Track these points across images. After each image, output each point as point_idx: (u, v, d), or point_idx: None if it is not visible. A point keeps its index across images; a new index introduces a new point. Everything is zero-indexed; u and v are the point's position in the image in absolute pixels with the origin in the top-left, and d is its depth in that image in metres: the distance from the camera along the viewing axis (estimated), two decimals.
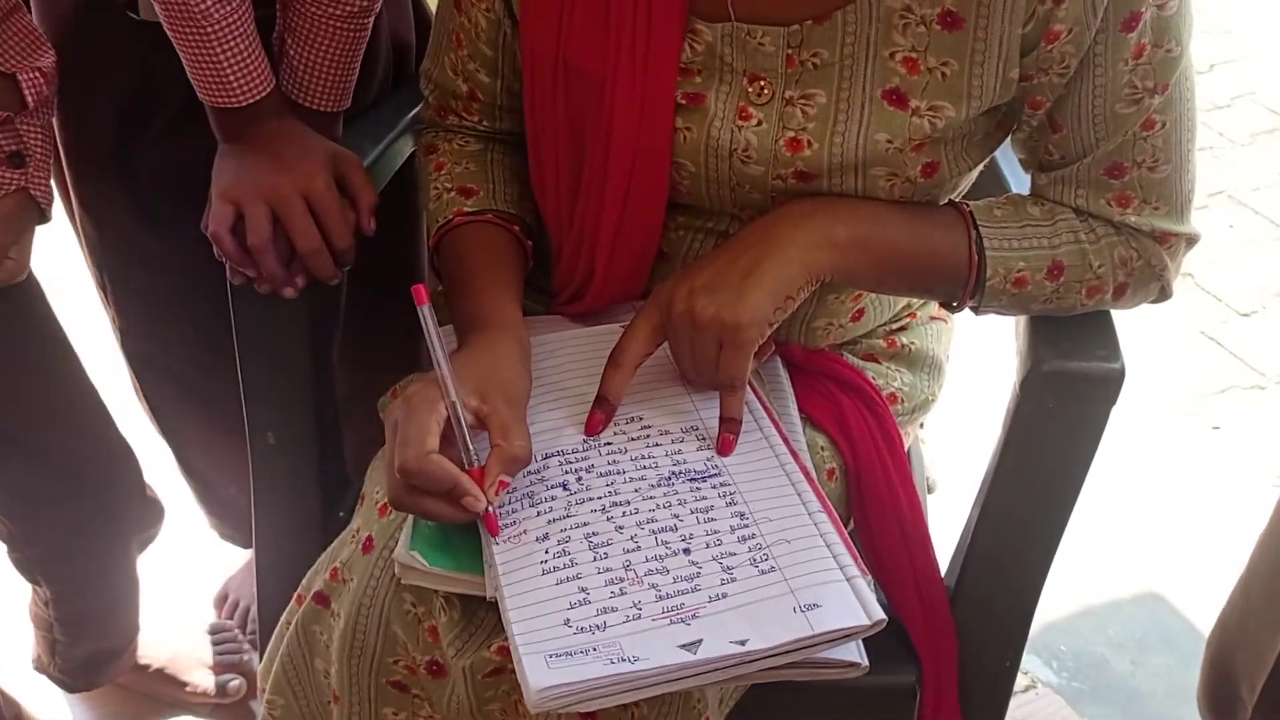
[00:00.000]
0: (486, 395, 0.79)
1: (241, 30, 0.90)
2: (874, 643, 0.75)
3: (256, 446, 1.04)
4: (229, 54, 0.89)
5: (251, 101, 0.92)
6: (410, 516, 0.82)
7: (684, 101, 0.85)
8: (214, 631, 1.47)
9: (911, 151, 0.82)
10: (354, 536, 0.88)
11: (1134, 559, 1.67)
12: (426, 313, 0.79)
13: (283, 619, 0.94)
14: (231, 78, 0.90)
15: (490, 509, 0.77)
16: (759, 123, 0.84)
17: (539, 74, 0.88)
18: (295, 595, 0.93)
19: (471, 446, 0.78)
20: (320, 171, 0.92)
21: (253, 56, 0.91)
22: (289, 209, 0.90)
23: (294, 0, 0.92)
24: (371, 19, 0.97)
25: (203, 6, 0.87)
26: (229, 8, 0.89)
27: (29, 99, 0.92)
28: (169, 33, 0.90)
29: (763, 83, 0.83)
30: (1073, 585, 1.59)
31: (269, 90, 0.93)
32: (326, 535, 0.96)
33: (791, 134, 0.83)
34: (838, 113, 0.82)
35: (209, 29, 0.88)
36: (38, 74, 0.92)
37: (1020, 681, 1.50)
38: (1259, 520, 1.02)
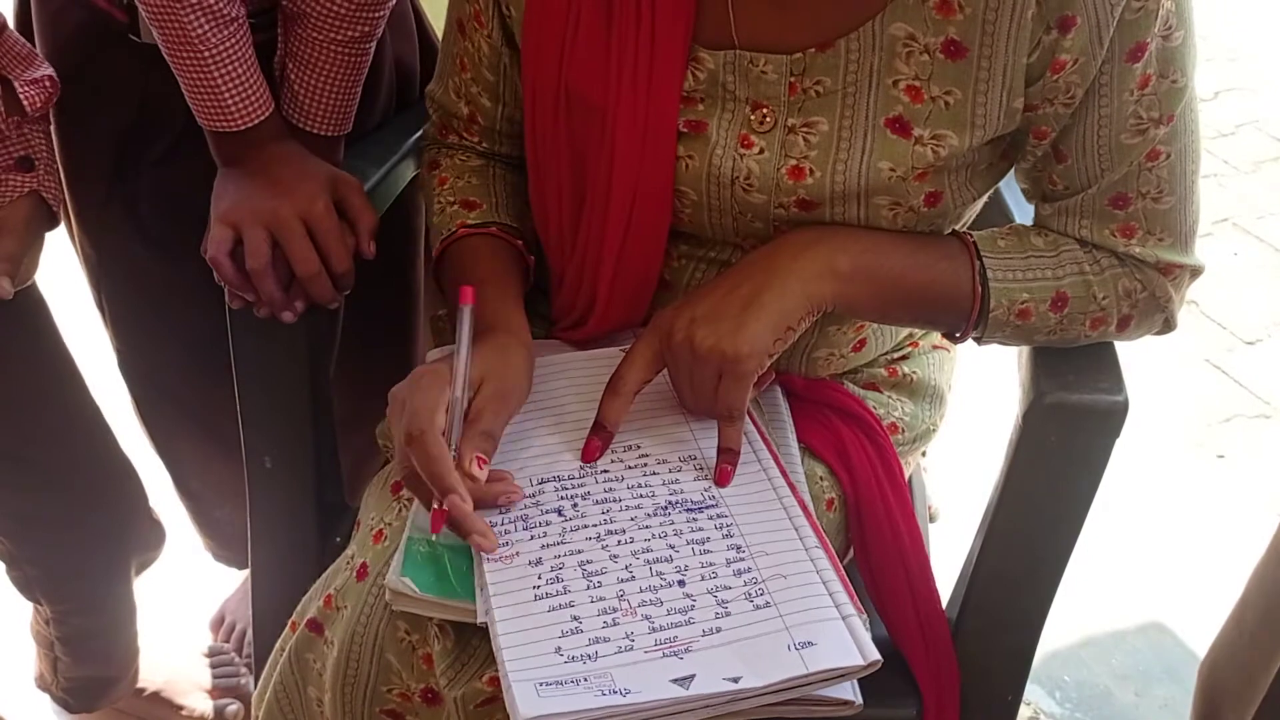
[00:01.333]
0: (481, 385, 0.81)
1: (239, 55, 0.90)
2: (874, 675, 0.74)
3: (253, 470, 1.04)
4: (226, 78, 0.89)
5: (250, 125, 0.92)
6: (403, 543, 0.81)
7: (686, 129, 0.84)
8: (211, 654, 1.46)
9: (914, 180, 0.82)
10: (348, 563, 0.88)
11: (1138, 589, 1.65)
12: (467, 314, 0.82)
13: (276, 646, 0.93)
14: (230, 102, 0.90)
15: (463, 498, 0.76)
16: (761, 150, 0.83)
17: (540, 102, 0.88)
18: (289, 622, 0.92)
19: (455, 438, 0.79)
20: (319, 195, 0.92)
21: (251, 80, 0.91)
22: (288, 233, 0.90)
23: (295, 25, 0.92)
24: (373, 44, 0.97)
25: (200, 31, 0.87)
26: (226, 33, 0.89)
27: (26, 106, 0.93)
28: (167, 58, 0.90)
29: (765, 110, 0.83)
30: (1077, 615, 1.58)
31: (267, 114, 0.93)
32: (322, 560, 0.96)
33: (794, 162, 0.83)
34: (840, 141, 0.82)
35: (206, 54, 0.88)
36: (33, 85, 0.93)
37: (1023, 712, 1.49)
38: (1264, 550, 1.02)
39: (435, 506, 0.77)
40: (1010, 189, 1.00)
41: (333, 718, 0.88)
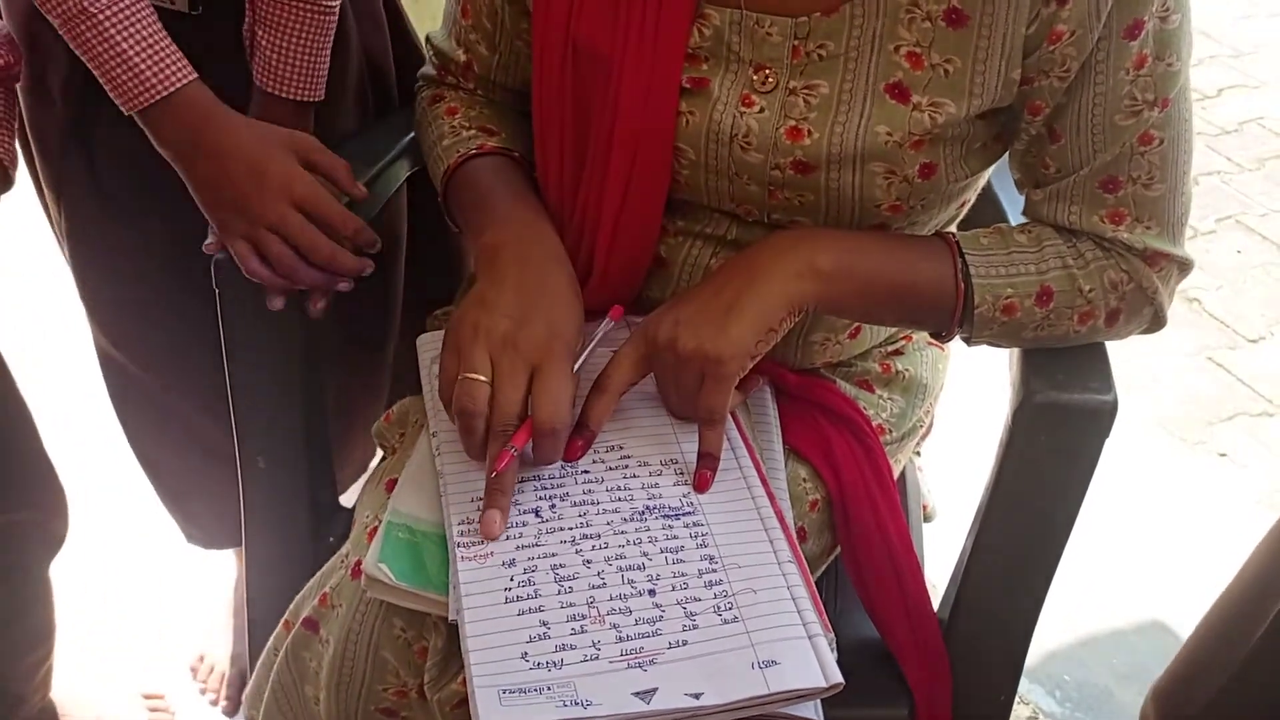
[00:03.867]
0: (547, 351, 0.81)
1: (137, 14, 0.87)
2: (865, 675, 0.75)
3: (246, 470, 1.04)
4: (132, 40, 0.87)
5: (173, 89, 0.89)
6: (383, 527, 0.82)
7: (689, 86, 0.85)
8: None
9: (910, 149, 0.82)
10: (343, 562, 0.88)
11: (1139, 588, 1.65)
12: (608, 326, 0.86)
13: (269, 645, 0.94)
14: (143, 66, 0.87)
15: (514, 450, 0.78)
16: (761, 110, 0.84)
17: (548, 56, 0.88)
18: (283, 622, 0.93)
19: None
20: (293, 172, 0.91)
21: (160, 41, 0.88)
22: (288, 228, 0.90)
23: None
24: (337, 4, 0.95)
25: None
26: None
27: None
28: (69, 40, 0.88)
29: (768, 71, 0.84)
30: (1077, 614, 1.58)
31: (189, 79, 0.89)
32: (316, 559, 0.96)
33: (792, 122, 0.83)
34: (839, 104, 0.82)
35: (100, 17, 0.86)
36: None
37: (1023, 712, 1.48)
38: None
39: (511, 448, 0.77)
40: (1003, 188, 1.00)
41: (327, 716, 0.88)
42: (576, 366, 0.82)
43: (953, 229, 0.94)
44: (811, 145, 0.82)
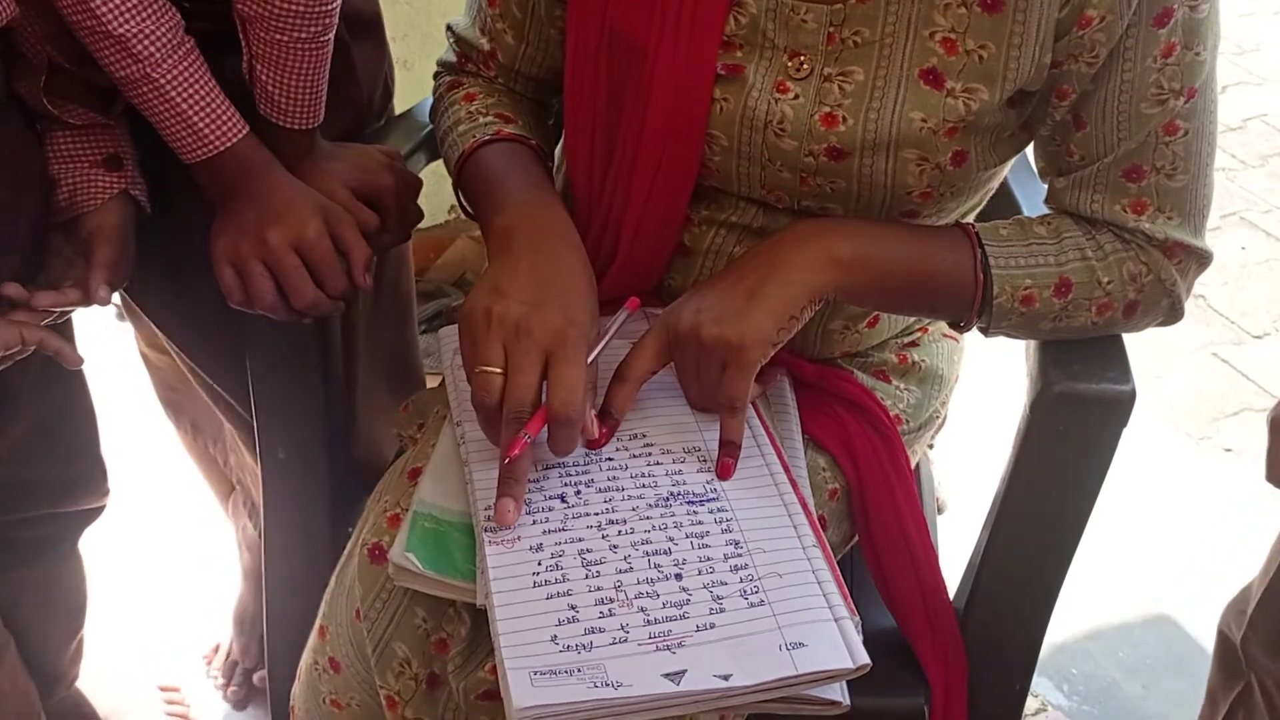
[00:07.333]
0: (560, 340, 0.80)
1: (195, 75, 0.90)
2: (883, 666, 0.75)
3: (267, 462, 1.05)
4: (191, 100, 0.89)
5: (227, 146, 0.92)
6: (409, 517, 0.82)
7: (724, 73, 0.85)
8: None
9: (944, 136, 0.82)
10: (361, 544, 0.88)
11: (1146, 582, 1.66)
12: (624, 317, 0.85)
13: (304, 661, 0.94)
14: (201, 124, 0.90)
15: (527, 438, 0.78)
16: (796, 96, 0.84)
17: (583, 42, 0.88)
18: (317, 628, 0.92)
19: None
20: (310, 219, 0.92)
21: (216, 99, 0.91)
22: (281, 268, 0.91)
23: (256, 28, 0.91)
24: (332, 34, 0.96)
25: (149, 52, 0.87)
26: (179, 54, 0.88)
27: (119, 104, 0.94)
28: (129, 97, 0.90)
29: (802, 58, 0.84)
30: (1084, 607, 1.58)
31: (243, 134, 0.92)
32: (335, 551, 0.96)
33: (827, 109, 0.83)
34: (874, 90, 0.82)
35: (162, 81, 0.88)
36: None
37: (1030, 704, 1.49)
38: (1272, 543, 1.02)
39: (525, 435, 0.77)
40: (1019, 183, 1.01)
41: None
42: (592, 357, 0.82)
43: (971, 218, 0.95)
44: (846, 132, 0.83)
